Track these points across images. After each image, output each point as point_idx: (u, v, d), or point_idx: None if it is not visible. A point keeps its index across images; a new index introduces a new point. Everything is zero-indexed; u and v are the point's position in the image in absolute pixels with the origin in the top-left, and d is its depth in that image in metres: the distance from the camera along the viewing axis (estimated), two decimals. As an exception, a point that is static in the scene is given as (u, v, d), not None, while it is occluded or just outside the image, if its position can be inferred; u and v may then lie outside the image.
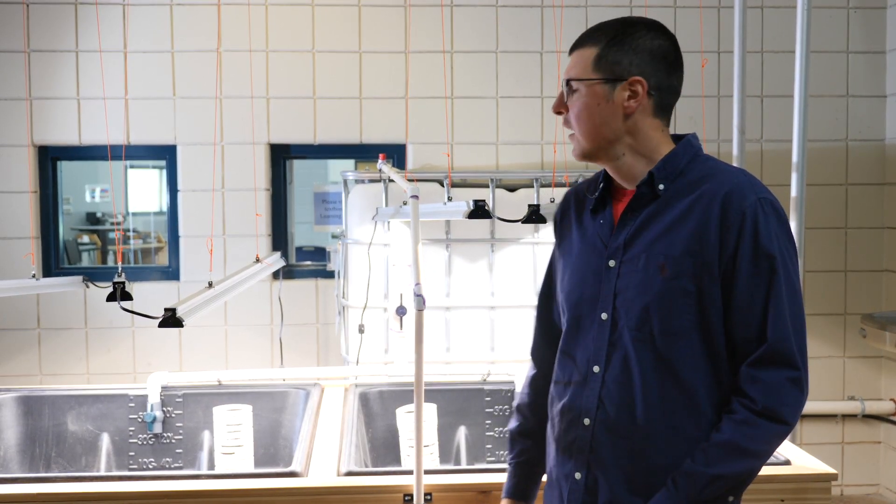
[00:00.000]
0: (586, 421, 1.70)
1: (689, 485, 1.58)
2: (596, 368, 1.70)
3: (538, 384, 1.95)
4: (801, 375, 1.59)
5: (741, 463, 1.58)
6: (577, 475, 1.71)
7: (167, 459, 3.29)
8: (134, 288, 3.04)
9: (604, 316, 1.70)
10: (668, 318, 1.62)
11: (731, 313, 1.61)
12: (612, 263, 1.70)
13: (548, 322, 1.97)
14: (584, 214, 1.81)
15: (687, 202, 1.65)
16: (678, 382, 1.63)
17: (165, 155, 4.51)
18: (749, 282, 1.59)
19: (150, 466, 3.27)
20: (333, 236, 4.54)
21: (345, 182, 4.14)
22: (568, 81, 1.71)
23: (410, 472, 2.37)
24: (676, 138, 1.74)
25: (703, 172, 1.68)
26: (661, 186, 1.68)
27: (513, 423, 1.98)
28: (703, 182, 1.66)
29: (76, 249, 8.71)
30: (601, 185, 1.78)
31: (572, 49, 1.73)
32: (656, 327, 1.63)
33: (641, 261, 1.66)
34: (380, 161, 3.71)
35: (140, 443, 3.28)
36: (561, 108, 1.74)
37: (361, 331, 3.91)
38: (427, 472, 2.39)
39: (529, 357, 2.03)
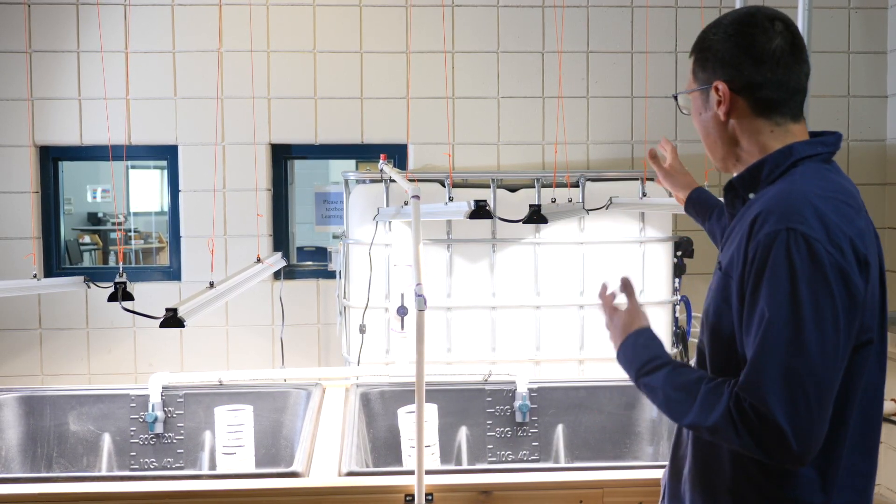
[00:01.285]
0: (683, 440, 1.76)
1: (652, 367, 1.61)
2: None
3: None
4: (777, 434, 1.39)
5: (681, 405, 1.53)
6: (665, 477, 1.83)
7: (168, 459, 3.29)
8: (135, 288, 3.04)
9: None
10: (716, 330, 1.60)
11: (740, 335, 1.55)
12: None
13: None
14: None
15: (740, 219, 1.59)
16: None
17: (166, 155, 4.52)
18: (747, 321, 1.48)
19: (152, 466, 3.27)
20: (334, 236, 4.54)
21: (346, 182, 4.14)
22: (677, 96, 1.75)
23: (412, 473, 2.37)
24: (814, 135, 1.62)
25: (773, 189, 1.54)
26: (752, 196, 1.60)
27: None
28: (758, 199, 1.56)
29: (77, 250, 8.71)
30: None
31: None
32: (709, 336, 1.63)
33: (715, 278, 1.63)
34: (381, 161, 3.71)
35: (141, 443, 3.28)
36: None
37: (362, 331, 3.91)
38: (428, 472, 2.39)
39: None
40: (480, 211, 3.09)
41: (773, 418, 1.38)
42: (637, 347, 1.66)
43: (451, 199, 3.47)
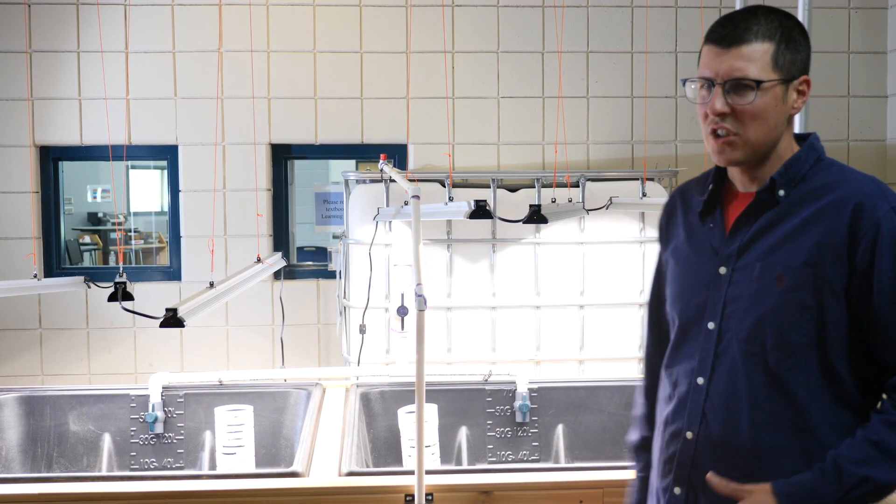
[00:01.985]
0: (689, 435, 1.61)
1: (837, 479, 1.46)
2: (700, 380, 1.61)
3: (652, 393, 1.82)
4: None
5: (892, 469, 1.46)
6: (677, 490, 1.64)
7: (168, 459, 3.29)
8: (135, 288, 3.04)
9: (711, 325, 1.61)
10: (783, 333, 1.52)
11: (876, 333, 1.50)
12: (723, 271, 1.61)
13: (658, 330, 1.83)
14: (690, 216, 1.72)
15: (812, 210, 1.54)
16: (790, 401, 1.53)
17: (167, 155, 4.52)
18: (887, 303, 1.48)
19: (152, 466, 3.27)
20: (334, 236, 4.54)
21: (346, 182, 4.14)
22: (741, 80, 1.53)
23: (412, 473, 2.37)
24: (798, 138, 1.64)
25: (830, 179, 1.57)
26: (782, 192, 1.58)
27: (633, 437, 1.87)
28: (829, 189, 1.55)
29: (77, 250, 8.71)
30: (710, 186, 1.67)
31: (726, 42, 1.55)
32: (769, 342, 1.53)
33: (756, 270, 1.56)
34: (381, 161, 3.71)
35: (141, 443, 3.28)
36: (726, 108, 1.55)
37: (363, 331, 3.91)
38: (428, 472, 2.39)
39: (643, 364, 1.90)
40: (480, 211, 3.09)
41: None
42: (801, 497, 1.50)
43: (451, 199, 3.47)
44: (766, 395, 1.55)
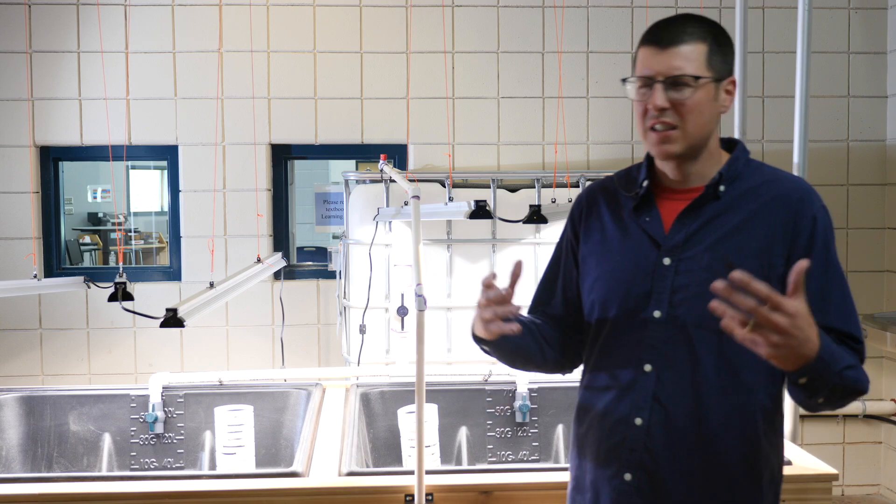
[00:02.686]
0: (638, 421, 1.68)
1: (840, 356, 1.53)
2: (648, 367, 1.68)
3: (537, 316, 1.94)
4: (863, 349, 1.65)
5: (860, 373, 1.59)
6: (627, 476, 1.69)
7: (168, 459, 3.29)
8: (135, 288, 3.04)
9: (657, 314, 1.69)
10: None
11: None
12: (667, 261, 1.69)
13: (545, 304, 1.96)
14: (621, 212, 1.79)
15: (755, 206, 1.68)
16: (738, 381, 1.65)
17: (167, 155, 4.52)
18: (822, 279, 1.64)
19: (152, 466, 3.28)
20: (334, 237, 4.55)
21: (346, 182, 4.14)
22: (680, 77, 1.64)
23: (412, 473, 2.37)
24: (723, 141, 1.79)
25: (764, 178, 1.72)
26: (723, 188, 1.70)
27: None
28: (767, 186, 1.70)
29: (78, 250, 8.72)
30: (645, 182, 1.76)
31: (664, 43, 1.66)
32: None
33: (705, 260, 1.66)
34: (381, 161, 3.71)
35: (141, 443, 3.28)
36: (667, 103, 1.66)
37: (363, 331, 3.91)
38: (428, 472, 2.40)
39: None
40: (480, 211, 3.09)
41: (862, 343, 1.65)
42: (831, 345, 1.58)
43: (451, 199, 3.47)
44: (716, 376, 1.65)
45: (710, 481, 1.65)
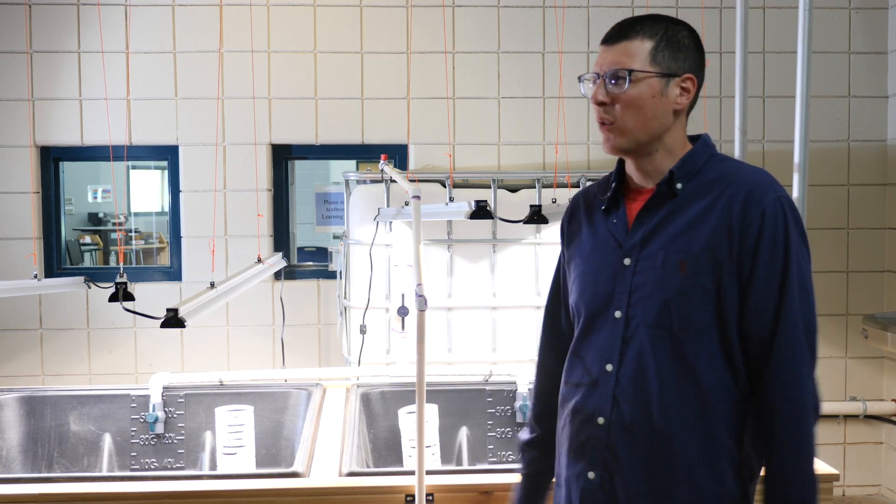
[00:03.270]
0: (600, 420, 1.69)
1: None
2: (609, 367, 1.69)
3: (545, 394, 1.94)
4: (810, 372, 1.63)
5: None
6: (591, 474, 1.71)
7: (169, 460, 3.29)
8: (136, 288, 3.04)
9: (617, 314, 1.69)
10: (687, 315, 1.62)
11: (746, 312, 1.62)
12: (627, 262, 1.70)
13: (555, 331, 1.95)
14: (594, 214, 1.81)
15: (707, 200, 1.66)
16: (695, 381, 1.63)
17: (167, 155, 4.52)
18: (765, 282, 1.61)
19: (152, 467, 3.28)
20: (335, 237, 4.54)
21: (346, 182, 4.14)
22: (618, 72, 1.67)
23: (412, 473, 2.37)
24: (691, 139, 1.77)
25: (722, 172, 1.69)
26: (679, 185, 1.69)
27: (524, 435, 1.98)
28: (722, 181, 1.67)
29: (78, 250, 8.72)
30: (613, 184, 1.78)
31: (612, 40, 1.71)
32: (675, 324, 1.63)
33: (659, 258, 1.66)
34: (381, 161, 3.71)
35: (142, 443, 3.28)
36: (606, 97, 1.68)
37: (363, 331, 3.91)
38: (429, 472, 2.40)
39: (536, 367, 2.02)
40: (481, 211, 3.09)
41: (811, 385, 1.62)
42: None
43: (451, 199, 3.47)
44: (673, 377, 1.64)
45: (670, 480, 1.64)
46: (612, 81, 1.67)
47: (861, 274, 4.66)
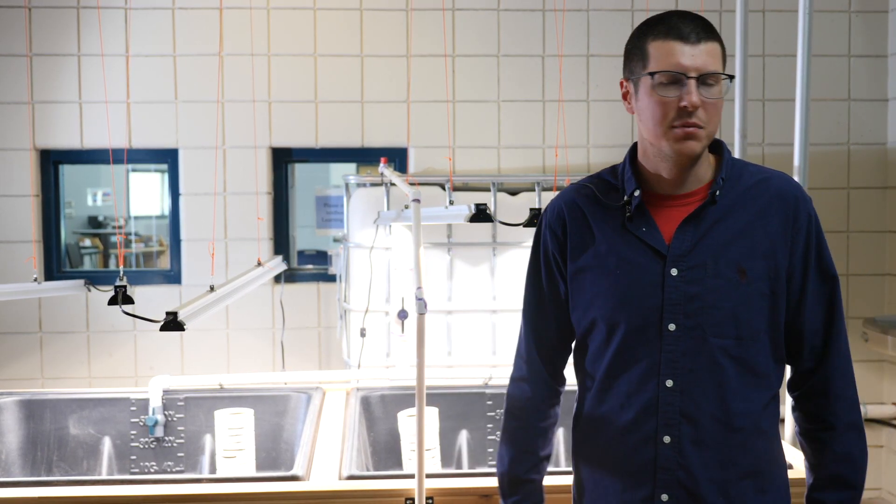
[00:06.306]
0: (666, 439, 1.62)
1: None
2: (669, 383, 1.62)
3: (537, 408, 1.82)
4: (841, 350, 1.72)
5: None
6: (664, 497, 1.63)
7: (169, 463, 3.28)
8: (135, 292, 3.04)
9: (671, 327, 1.62)
10: (750, 322, 1.63)
11: (804, 309, 1.67)
12: (674, 272, 1.63)
13: (543, 339, 1.82)
14: (610, 222, 1.70)
15: (758, 206, 1.65)
16: (757, 384, 1.65)
17: (167, 158, 4.52)
18: (819, 283, 1.68)
19: (152, 470, 3.27)
20: (335, 240, 4.54)
21: (346, 186, 4.14)
22: (711, 75, 1.59)
23: (412, 476, 2.37)
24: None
25: (755, 177, 1.69)
26: (718, 192, 1.66)
27: (519, 466, 1.82)
28: (762, 186, 1.68)
29: (78, 253, 8.71)
30: (637, 191, 1.69)
31: (694, 38, 1.60)
32: (741, 332, 1.62)
33: (713, 267, 1.62)
34: (381, 165, 3.71)
35: (142, 446, 3.28)
36: (700, 101, 1.60)
37: (363, 334, 3.91)
38: (429, 475, 2.39)
39: (517, 380, 1.86)
40: (481, 214, 3.09)
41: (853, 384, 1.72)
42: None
43: (451, 202, 3.47)
44: (738, 383, 1.63)
45: (745, 487, 1.64)
46: (703, 84, 1.60)
47: (861, 277, 4.66)
